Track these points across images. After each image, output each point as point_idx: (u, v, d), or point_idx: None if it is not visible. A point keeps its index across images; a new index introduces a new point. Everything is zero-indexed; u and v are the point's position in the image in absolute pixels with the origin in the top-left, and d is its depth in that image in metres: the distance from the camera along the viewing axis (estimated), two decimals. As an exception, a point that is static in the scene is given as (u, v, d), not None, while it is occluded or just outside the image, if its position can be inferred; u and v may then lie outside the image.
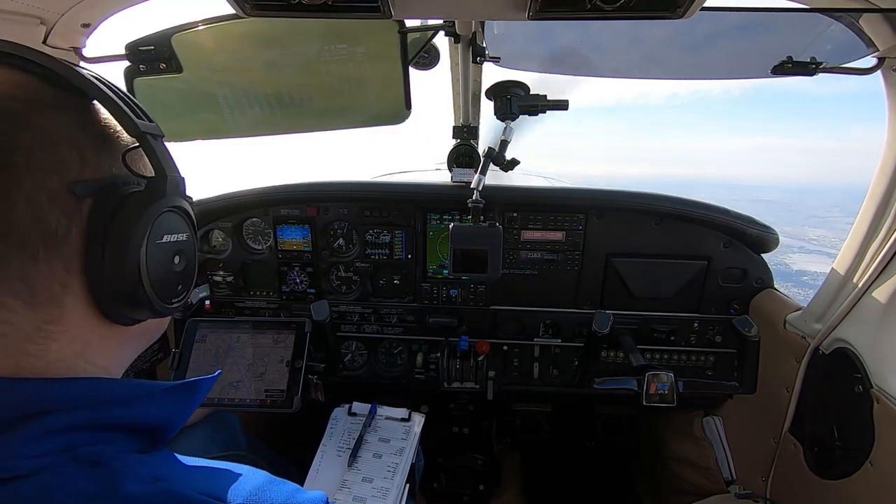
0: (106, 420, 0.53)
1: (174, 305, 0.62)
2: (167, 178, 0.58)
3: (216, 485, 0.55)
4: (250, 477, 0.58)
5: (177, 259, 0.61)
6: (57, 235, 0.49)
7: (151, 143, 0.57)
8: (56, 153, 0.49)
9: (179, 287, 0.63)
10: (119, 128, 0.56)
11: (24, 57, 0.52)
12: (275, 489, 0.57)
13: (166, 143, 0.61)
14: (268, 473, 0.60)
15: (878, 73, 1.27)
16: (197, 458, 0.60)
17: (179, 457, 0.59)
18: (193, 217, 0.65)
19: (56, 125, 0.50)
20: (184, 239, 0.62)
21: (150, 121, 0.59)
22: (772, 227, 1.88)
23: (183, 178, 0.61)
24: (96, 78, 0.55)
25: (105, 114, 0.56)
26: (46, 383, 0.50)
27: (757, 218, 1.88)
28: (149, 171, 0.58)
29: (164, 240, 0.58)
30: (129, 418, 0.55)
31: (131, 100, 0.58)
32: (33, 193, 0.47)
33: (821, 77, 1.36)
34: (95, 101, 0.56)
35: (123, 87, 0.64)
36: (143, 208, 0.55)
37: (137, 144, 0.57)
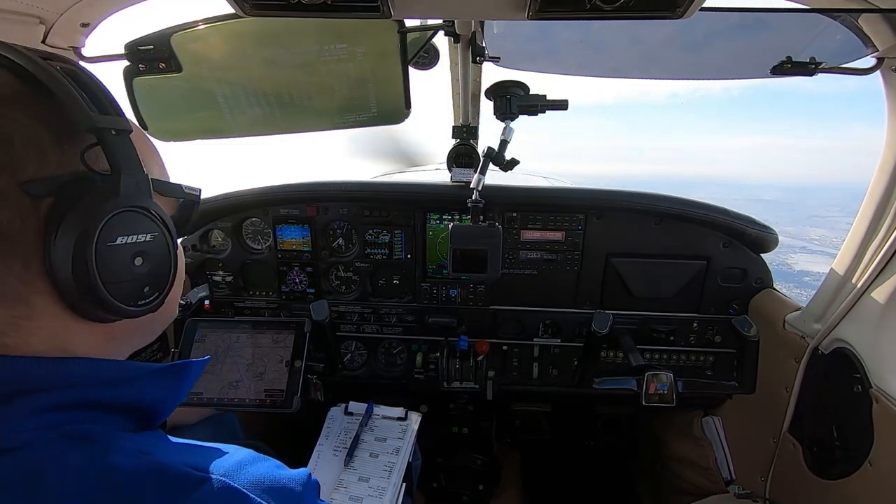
0: (96, 399, 0.53)
1: (141, 307, 0.59)
2: (121, 177, 0.55)
3: (200, 458, 0.55)
4: (235, 452, 0.58)
5: (138, 261, 0.58)
6: (9, 235, 0.48)
7: (110, 139, 0.54)
8: (6, 150, 0.47)
9: (146, 289, 0.59)
10: None
11: None
12: (258, 464, 0.58)
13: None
14: (254, 452, 0.60)
15: (878, 73, 1.27)
16: (186, 440, 0.60)
17: (169, 437, 0.60)
18: (164, 216, 0.61)
19: (8, 121, 0.48)
20: (147, 240, 0.58)
21: (118, 114, 0.57)
22: (771, 226, 1.88)
23: (146, 176, 0.58)
24: (58, 67, 0.53)
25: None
26: (36, 362, 0.50)
27: (756, 217, 1.88)
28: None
29: (117, 242, 0.55)
30: (119, 398, 0.55)
31: (101, 92, 0.56)
32: None
33: (821, 76, 1.36)
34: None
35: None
36: (92, 209, 0.52)
37: (96, 141, 0.54)
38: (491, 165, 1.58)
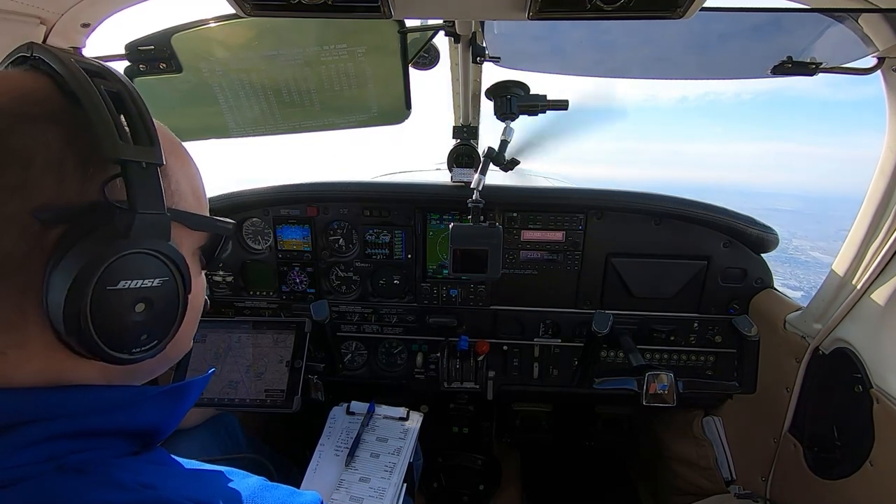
0: (93, 427, 0.50)
1: (135, 355, 0.53)
2: (135, 216, 0.49)
3: (207, 491, 0.53)
4: (243, 483, 0.56)
5: (139, 307, 0.52)
6: (11, 262, 0.45)
7: (135, 173, 0.49)
8: (24, 175, 0.45)
9: (144, 336, 0.53)
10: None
11: (35, 56, 0.49)
12: (267, 494, 0.55)
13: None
14: (262, 478, 0.59)
15: (878, 73, 1.27)
16: (191, 461, 0.59)
17: (172, 458, 0.58)
18: (178, 260, 0.54)
19: (32, 143, 0.46)
20: (154, 285, 0.52)
21: (153, 144, 0.52)
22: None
23: (166, 216, 0.53)
24: (102, 87, 0.50)
25: None
26: (29, 393, 0.48)
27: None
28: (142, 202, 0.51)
29: (119, 286, 0.49)
30: (117, 425, 0.53)
31: (145, 116, 0.53)
32: None
33: (836, 81, 1.36)
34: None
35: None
36: (96, 248, 0.47)
37: (119, 172, 0.49)
38: (491, 165, 1.58)
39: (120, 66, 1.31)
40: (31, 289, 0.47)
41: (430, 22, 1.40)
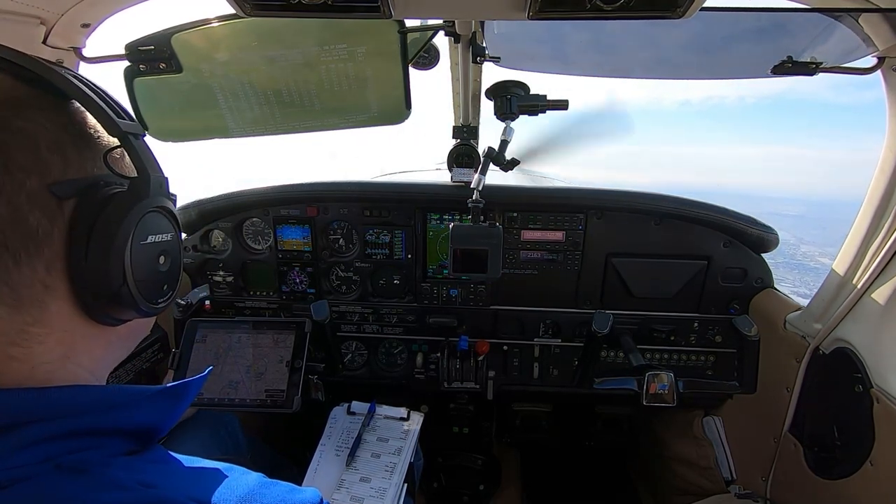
0: (91, 427, 0.52)
1: (160, 305, 0.61)
2: (150, 178, 0.57)
3: (207, 488, 0.53)
4: (242, 479, 0.57)
5: (162, 259, 0.61)
6: (38, 236, 0.48)
7: (133, 143, 0.56)
8: (35, 154, 0.48)
9: (165, 287, 0.62)
10: (101, 127, 0.56)
11: (1, 57, 0.51)
12: (266, 491, 0.56)
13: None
14: (261, 475, 0.59)
15: (878, 72, 1.27)
16: (190, 458, 0.59)
17: (172, 455, 0.59)
18: (177, 217, 0.64)
19: (35, 126, 0.49)
20: (168, 239, 0.61)
21: (132, 119, 0.58)
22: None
23: (166, 178, 0.61)
24: (76, 77, 0.55)
25: (87, 113, 0.56)
26: (28, 393, 0.49)
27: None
28: (132, 170, 0.57)
29: (148, 240, 0.57)
30: (115, 424, 0.54)
31: (111, 98, 0.58)
32: (13, 195, 0.46)
33: (839, 84, 1.36)
34: (76, 101, 0.55)
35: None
36: (127, 209, 0.54)
37: (119, 144, 0.56)
38: (491, 165, 1.58)
39: (120, 67, 1.31)
40: (56, 261, 0.50)
41: (430, 22, 1.40)
